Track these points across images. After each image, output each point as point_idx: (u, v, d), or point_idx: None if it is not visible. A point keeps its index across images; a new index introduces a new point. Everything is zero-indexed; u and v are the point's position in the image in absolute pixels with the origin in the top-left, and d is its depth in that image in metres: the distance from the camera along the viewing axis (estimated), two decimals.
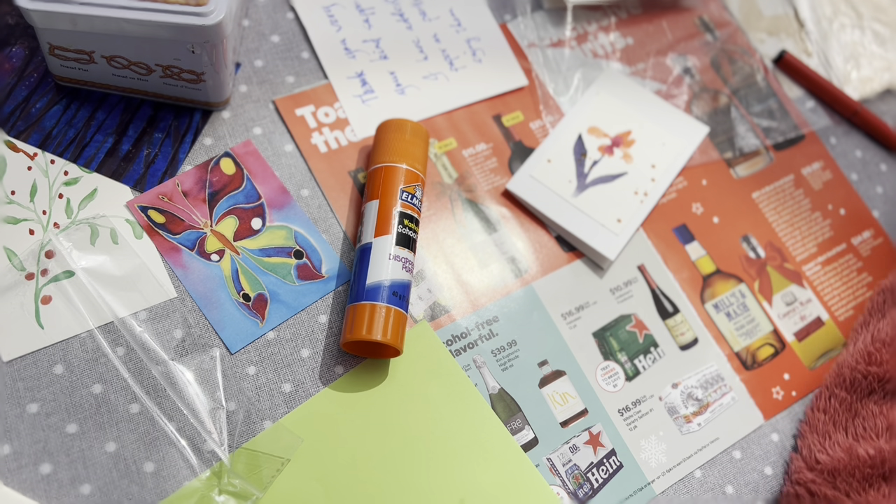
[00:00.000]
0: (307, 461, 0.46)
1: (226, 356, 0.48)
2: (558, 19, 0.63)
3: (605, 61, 0.63)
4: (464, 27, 0.61)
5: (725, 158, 0.63)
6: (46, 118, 0.51)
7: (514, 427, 0.50)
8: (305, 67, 0.57)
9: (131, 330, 0.47)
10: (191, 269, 0.49)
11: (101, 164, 0.50)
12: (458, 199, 0.56)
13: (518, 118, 0.59)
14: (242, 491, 0.44)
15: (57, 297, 0.47)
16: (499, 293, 0.54)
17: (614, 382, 0.53)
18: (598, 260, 0.56)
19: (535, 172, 0.57)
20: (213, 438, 0.45)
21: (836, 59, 0.68)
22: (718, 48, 0.66)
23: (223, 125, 0.53)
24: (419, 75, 0.58)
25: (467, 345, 0.52)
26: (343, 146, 0.55)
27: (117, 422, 0.45)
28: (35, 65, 0.52)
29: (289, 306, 0.50)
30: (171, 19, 0.45)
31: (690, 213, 0.60)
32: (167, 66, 0.49)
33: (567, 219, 0.56)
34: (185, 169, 0.52)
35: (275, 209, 0.52)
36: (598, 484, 0.50)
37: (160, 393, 0.46)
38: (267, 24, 0.57)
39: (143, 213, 0.50)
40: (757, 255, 0.60)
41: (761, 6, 0.69)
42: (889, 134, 0.67)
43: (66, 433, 0.44)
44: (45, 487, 0.43)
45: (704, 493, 0.52)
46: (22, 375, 0.45)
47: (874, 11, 0.71)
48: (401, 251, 0.49)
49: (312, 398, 0.48)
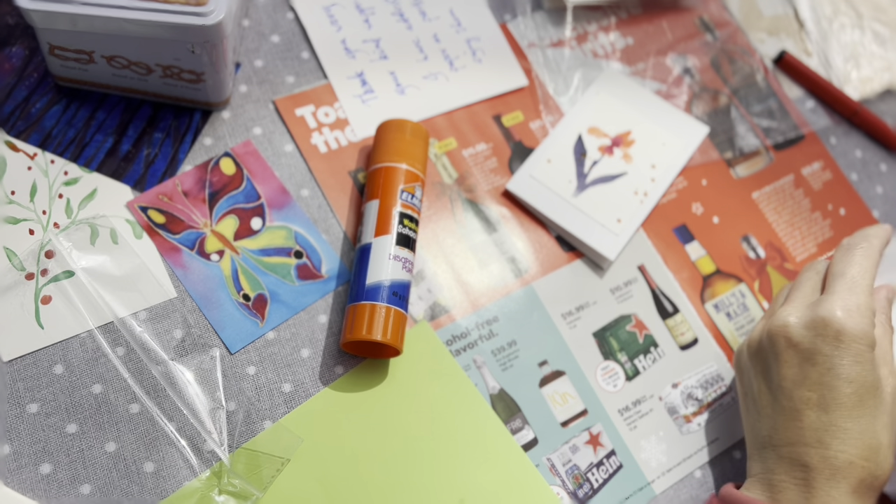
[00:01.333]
0: (307, 461, 0.46)
1: (226, 356, 0.48)
2: (558, 19, 0.63)
3: (605, 61, 0.63)
4: (464, 27, 0.61)
5: (725, 158, 0.63)
6: (46, 118, 0.51)
7: (514, 427, 0.50)
8: (305, 67, 0.57)
9: (131, 330, 0.47)
10: (191, 269, 0.49)
11: (101, 163, 0.50)
12: (458, 199, 0.56)
13: (518, 118, 0.59)
14: (242, 491, 0.44)
15: (57, 297, 0.47)
16: (499, 293, 0.54)
17: (614, 382, 0.53)
18: (598, 260, 0.56)
19: (535, 172, 0.57)
20: (212, 438, 0.45)
21: (836, 59, 0.68)
22: (718, 48, 0.66)
23: (223, 125, 0.53)
24: (419, 75, 0.58)
25: (467, 345, 0.52)
26: (343, 146, 0.55)
27: (117, 422, 0.45)
28: (35, 65, 0.52)
29: (289, 306, 0.50)
30: (171, 19, 0.45)
31: (690, 213, 0.60)
32: (167, 66, 0.49)
33: (567, 219, 0.56)
34: (185, 169, 0.52)
35: (275, 209, 0.52)
36: (597, 484, 0.50)
37: (160, 393, 0.46)
38: (267, 23, 0.57)
39: (143, 213, 0.50)
40: (757, 255, 0.60)
41: (761, 6, 0.69)
42: (889, 134, 0.67)
43: (66, 433, 0.44)
44: (45, 487, 0.43)
45: (704, 493, 0.52)
46: (22, 375, 0.45)
47: (874, 11, 0.71)
48: (401, 251, 0.49)
49: (312, 398, 0.48)
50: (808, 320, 0.44)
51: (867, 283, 0.45)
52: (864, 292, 0.44)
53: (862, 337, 0.42)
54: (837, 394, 0.42)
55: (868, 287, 0.45)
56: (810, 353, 0.43)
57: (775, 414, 0.44)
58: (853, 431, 0.42)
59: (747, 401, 0.48)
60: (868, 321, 0.43)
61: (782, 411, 0.44)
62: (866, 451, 0.42)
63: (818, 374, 0.43)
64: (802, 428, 0.43)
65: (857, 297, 0.44)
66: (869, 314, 0.43)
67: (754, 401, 0.47)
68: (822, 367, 0.43)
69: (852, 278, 0.45)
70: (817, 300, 0.45)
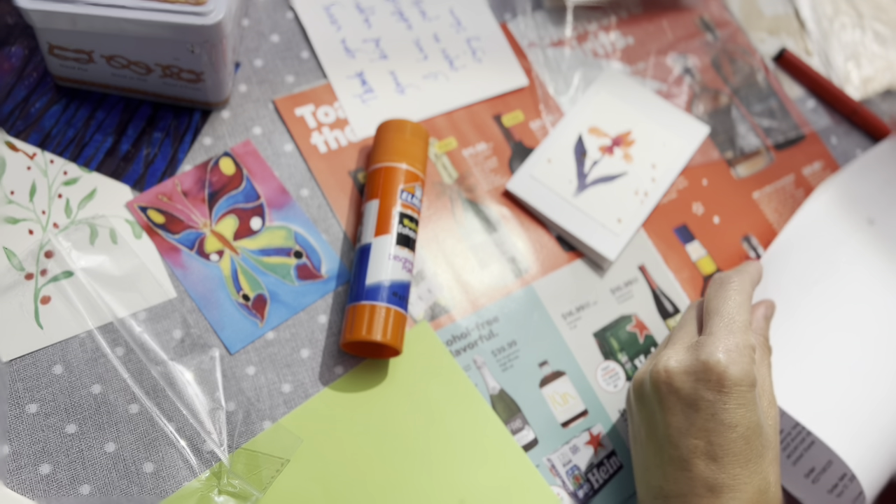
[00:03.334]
0: (307, 461, 0.46)
1: (225, 356, 0.48)
2: (559, 19, 0.63)
3: (605, 61, 0.63)
4: (464, 27, 0.61)
5: (726, 158, 0.62)
6: (46, 118, 0.51)
7: (515, 427, 0.50)
8: (305, 67, 0.56)
9: (130, 330, 0.47)
10: (190, 269, 0.49)
11: (100, 163, 0.50)
12: (458, 199, 0.56)
13: (518, 118, 0.59)
14: (242, 491, 0.44)
15: (56, 297, 0.47)
16: (499, 293, 0.54)
17: (615, 383, 0.53)
18: (598, 260, 0.56)
19: (536, 172, 0.57)
20: (212, 439, 0.45)
21: (836, 59, 0.68)
22: (719, 48, 0.66)
23: (223, 125, 0.53)
24: (419, 75, 0.58)
25: (467, 345, 0.51)
26: (343, 146, 0.55)
27: (116, 422, 0.45)
28: (34, 64, 0.52)
29: (288, 306, 0.50)
30: (170, 19, 0.45)
31: (691, 213, 0.60)
32: (166, 65, 0.49)
33: (567, 219, 0.56)
34: (185, 169, 0.51)
35: (274, 209, 0.52)
36: (598, 485, 0.50)
37: (159, 393, 0.46)
38: (266, 23, 0.57)
39: (142, 213, 0.50)
40: (757, 254, 0.60)
41: (762, 6, 0.69)
42: (888, 132, 0.67)
43: (66, 433, 0.44)
44: (45, 488, 0.43)
45: None
46: (21, 376, 0.45)
47: (875, 11, 0.71)
48: (401, 251, 0.49)
49: (312, 398, 0.48)
50: (689, 365, 0.43)
51: (744, 319, 0.44)
52: (742, 330, 0.44)
53: (743, 379, 0.41)
54: (724, 440, 0.41)
55: (745, 323, 0.44)
56: (692, 400, 0.42)
57: (664, 464, 0.43)
58: (742, 476, 0.41)
59: (636, 447, 0.46)
60: (748, 360, 0.42)
61: (671, 461, 0.43)
62: (756, 495, 0.41)
63: (703, 421, 0.42)
64: (692, 478, 0.42)
65: (736, 337, 0.43)
66: (749, 352, 0.43)
67: (643, 448, 0.45)
68: (706, 413, 0.42)
69: (729, 316, 0.44)
70: (697, 342, 0.44)
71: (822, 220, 0.58)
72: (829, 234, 0.58)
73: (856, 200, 0.60)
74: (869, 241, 0.58)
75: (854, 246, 0.57)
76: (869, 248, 0.57)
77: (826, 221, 0.58)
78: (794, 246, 0.57)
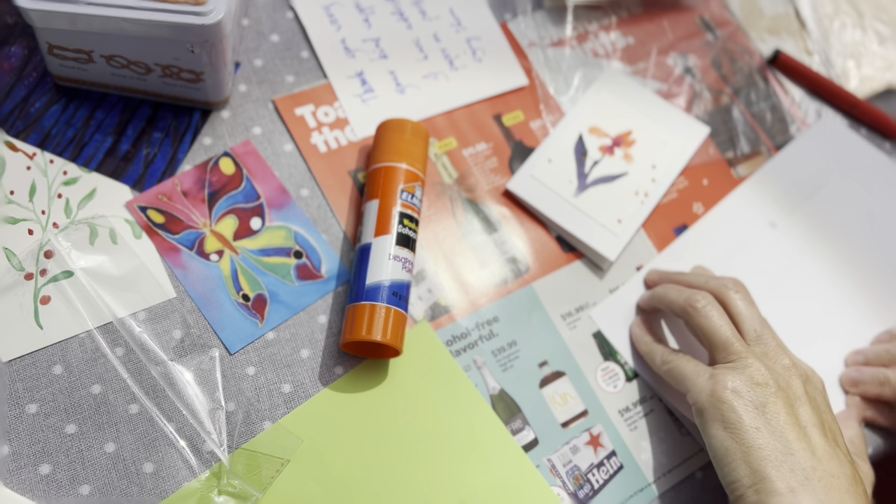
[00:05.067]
0: (307, 462, 0.46)
1: (225, 356, 0.48)
2: (559, 18, 0.63)
3: (605, 61, 0.63)
4: (464, 26, 0.60)
5: (726, 158, 0.62)
6: (45, 118, 0.51)
7: (515, 428, 0.50)
8: (305, 67, 0.56)
9: (130, 330, 0.47)
10: (190, 270, 0.49)
11: (100, 163, 0.50)
12: (458, 198, 0.56)
13: (518, 118, 0.59)
14: (242, 492, 0.44)
15: (56, 297, 0.46)
16: (499, 293, 0.53)
17: (614, 383, 0.53)
18: (598, 260, 0.56)
19: (536, 172, 0.57)
20: (212, 439, 0.45)
21: (836, 59, 0.68)
22: (719, 48, 0.66)
23: (222, 125, 0.53)
24: (419, 75, 0.58)
25: (467, 345, 0.51)
26: (343, 146, 0.55)
27: (116, 422, 0.45)
28: (34, 64, 0.52)
29: (288, 306, 0.50)
30: (170, 18, 0.45)
31: (691, 214, 0.60)
32: (166, 65, 0.48)
33: (567, 219, 0.56)
34: (185, 169, 0.51)
35: (274, 209, 0.52)
36: (598, 485, 0.50)
37: (159, 393, 0.46)
38: (266, 23, 0.57)
39: (142, 213, 0.50)
40: None
41: (762, 5, 0.69)
42: (889, 124, 0.66)
43: (65, 434, 0.44)
44: (45, 488, 0.43)
45: (705, 494, 0.52)
46: (21, 376, 0.45)
47: (875, 10, 0.71)
48: (401, 251, 0.49)
49: (312, 399, 0.48)
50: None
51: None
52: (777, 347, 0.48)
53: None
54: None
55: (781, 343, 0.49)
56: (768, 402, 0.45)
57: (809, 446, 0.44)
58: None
59: (755, 438, 0.44)
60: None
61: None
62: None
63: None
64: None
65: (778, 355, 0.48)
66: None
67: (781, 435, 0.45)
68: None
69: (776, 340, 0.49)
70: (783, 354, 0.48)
71: (726, 222, 0.59)
72: (731, 236, 0.58)
73: (762, 203, 0.60)
74: (769, 244, 0.59)
75: (753, 248, 0.58)
76: (769, 252, 0.59)
77: (730, 222, 0.59)
78: (689, 246, 0.58)
